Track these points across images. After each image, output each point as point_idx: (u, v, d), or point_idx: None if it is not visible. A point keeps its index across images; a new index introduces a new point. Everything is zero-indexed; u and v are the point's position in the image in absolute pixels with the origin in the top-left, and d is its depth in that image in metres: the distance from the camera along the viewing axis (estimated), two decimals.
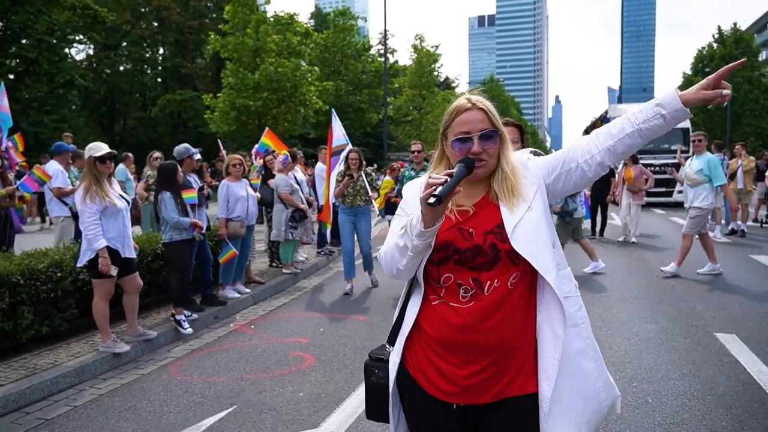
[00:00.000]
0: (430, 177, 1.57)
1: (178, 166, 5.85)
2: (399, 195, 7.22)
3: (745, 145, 12.93)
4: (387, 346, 1.87)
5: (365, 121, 30.96)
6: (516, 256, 1.64)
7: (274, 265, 8.73)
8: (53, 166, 7.24)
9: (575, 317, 1.69)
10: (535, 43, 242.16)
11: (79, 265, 4.65)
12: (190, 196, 5.90)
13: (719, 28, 54.54)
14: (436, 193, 1.50)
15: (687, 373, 4.28)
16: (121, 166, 10.52)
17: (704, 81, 1.63)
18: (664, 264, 8.13)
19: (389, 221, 10.26)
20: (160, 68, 40.92)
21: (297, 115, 22.50)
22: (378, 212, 9.91)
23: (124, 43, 40.40)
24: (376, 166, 21.61)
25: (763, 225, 13.26)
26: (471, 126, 1.68)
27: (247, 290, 7.11)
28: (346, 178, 7.17)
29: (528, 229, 1.65)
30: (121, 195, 4.81)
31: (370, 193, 7.37)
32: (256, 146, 10.40)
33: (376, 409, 1.87)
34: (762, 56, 72.09)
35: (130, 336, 5.06)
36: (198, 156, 6.51)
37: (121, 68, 41.44)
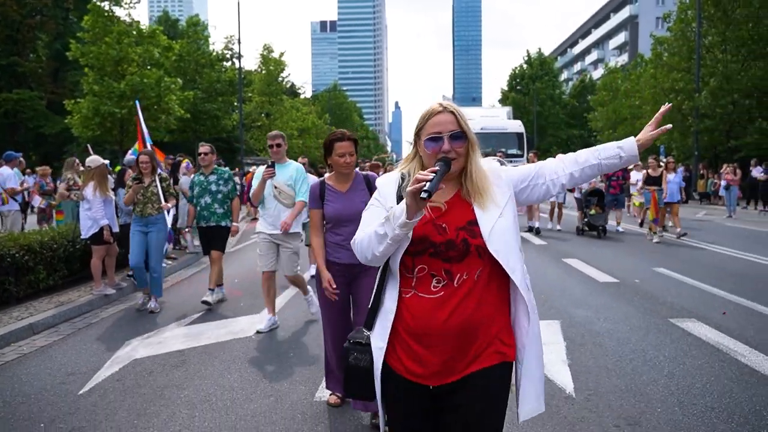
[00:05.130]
0: (418, 174, 1.72)
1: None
2: (191, 200, 6.95)
3: (536, 153, 14.98)
4: (364, 330, 2.04)
5: (220, 127, 32.93)
6: (483, 251, 1.85)
7: (177, 247, 11.26)
8: (6, 171, 9.20)
9: (535, 306, 1.95)
10: (375, 50, 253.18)
11: (84, 237, 7.10)
12: None
13: (528, 51, 63.44)
14: (427, 188, 1.66)
15: None
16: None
17: (651, 123, 2.00)
18: None
19: None
20: None
21: (158, 121, 24.11)
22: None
23: None
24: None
25: (583, 232, 13.67)
26: (442, 127, 1.87)
27: (169, 262, 9.68)
28: (134, 183, 6.69)
29: (500, 232, 1.86)
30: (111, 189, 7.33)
31: (163, 202, 6.76)
32: (130, 152, 12.39)
33: (355, 387, 2.06)
34: (563, 76, 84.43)
35: (110, 285, 7.54)
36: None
37: None
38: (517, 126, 23.63)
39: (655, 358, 4.76)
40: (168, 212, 6.89)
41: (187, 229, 7.24)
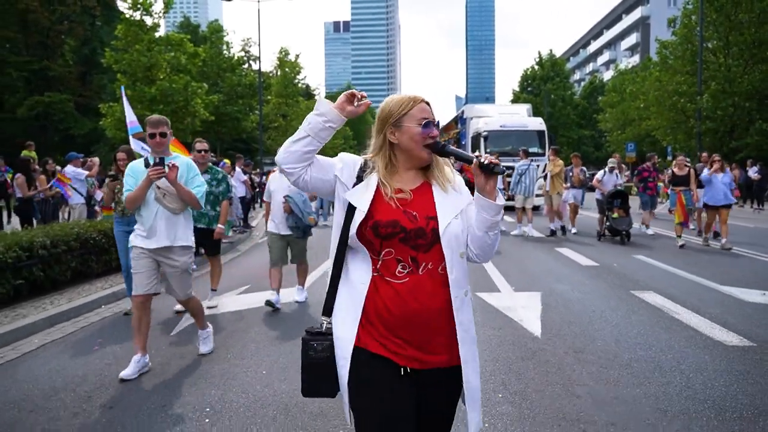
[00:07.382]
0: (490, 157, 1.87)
1: None
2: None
3: (557, 151, 14.20)
4: (323, 319, 1.98)
5: (241, 129, 34.52)
6: None
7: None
8: (72, 168, 10.71)
9: (470, 320, 1.95)
10: (389, 50, 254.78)
11: None
12: None
13: (539, 53, 64.36)
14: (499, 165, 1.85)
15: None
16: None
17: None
18: None
19: None
20: (23, 71, 40.76)
21: (185, 123, 25.72)
22: None
23: None
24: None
25: (601, 238, 12.56)
26: (429, 115, 1.94)
27: None
28: (109, 181, 6.33)
29: (453, 232, 1.89)
30: None
31: None
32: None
33: (314, 384, 1.97)
34: (576, 76, 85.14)
35: None
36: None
37: None
38: (537, 123, 22.11)
39: (609, 315, 6.10)
40: None
41: None
